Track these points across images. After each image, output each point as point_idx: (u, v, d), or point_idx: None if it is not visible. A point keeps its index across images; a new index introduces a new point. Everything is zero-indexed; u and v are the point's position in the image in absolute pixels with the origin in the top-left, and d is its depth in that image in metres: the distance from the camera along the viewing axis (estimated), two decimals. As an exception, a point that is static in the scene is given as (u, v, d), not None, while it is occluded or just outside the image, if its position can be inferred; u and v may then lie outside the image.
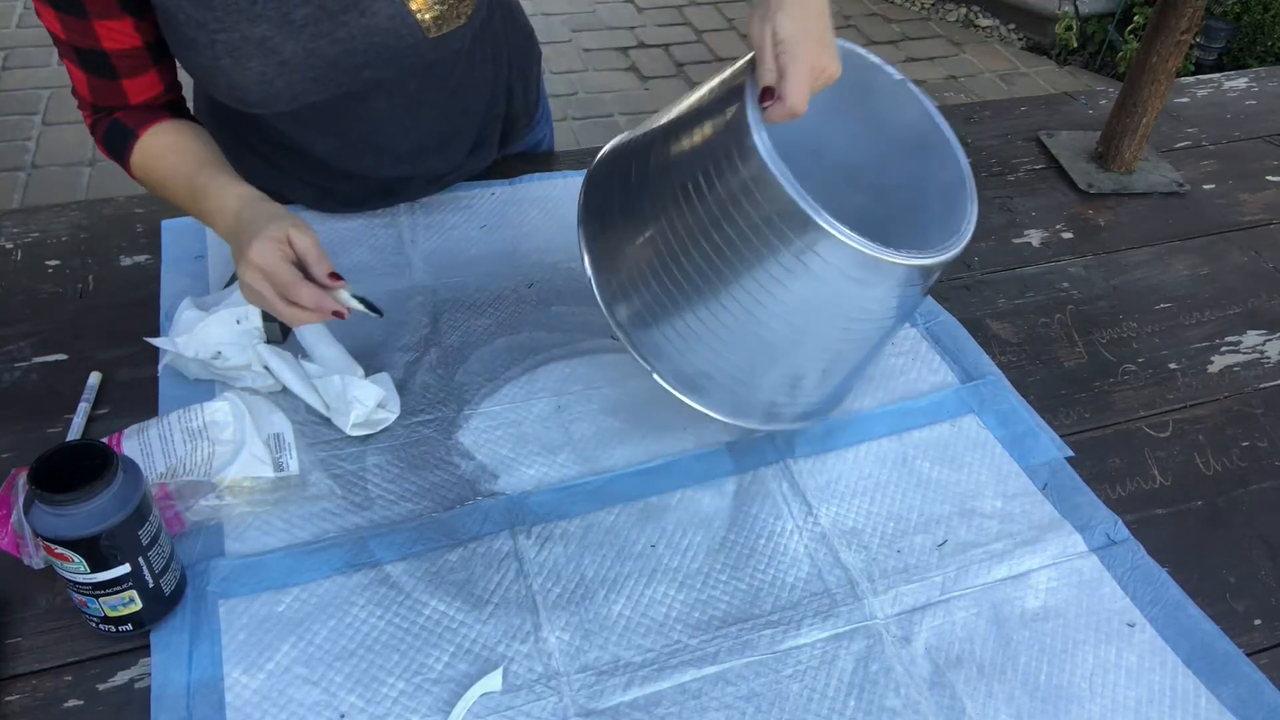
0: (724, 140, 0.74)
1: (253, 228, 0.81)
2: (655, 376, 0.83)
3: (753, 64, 0.75)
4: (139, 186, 0.99)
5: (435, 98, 1.04)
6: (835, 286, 0.75)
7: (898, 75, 0.86)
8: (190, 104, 1.00)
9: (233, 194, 0.86)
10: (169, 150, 0.92)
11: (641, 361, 0.83)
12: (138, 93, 0.92)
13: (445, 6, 0.94)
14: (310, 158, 1.05)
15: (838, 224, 0.71)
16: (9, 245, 1.10)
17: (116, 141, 0.93)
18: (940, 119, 0.85)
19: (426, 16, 0.93)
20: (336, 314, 0.82)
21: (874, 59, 0.85)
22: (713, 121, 0.77)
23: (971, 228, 0.80)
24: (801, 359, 0.82)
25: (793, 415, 0.87)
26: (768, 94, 0.73)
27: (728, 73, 0.80)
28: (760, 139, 0.71)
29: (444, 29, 0.95)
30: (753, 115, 0.72)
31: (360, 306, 0.83)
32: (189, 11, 0.86)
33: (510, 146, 1.24)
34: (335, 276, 0.82)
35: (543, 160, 1.27)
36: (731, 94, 0.76)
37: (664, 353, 0.82)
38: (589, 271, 0.84)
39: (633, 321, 0.83)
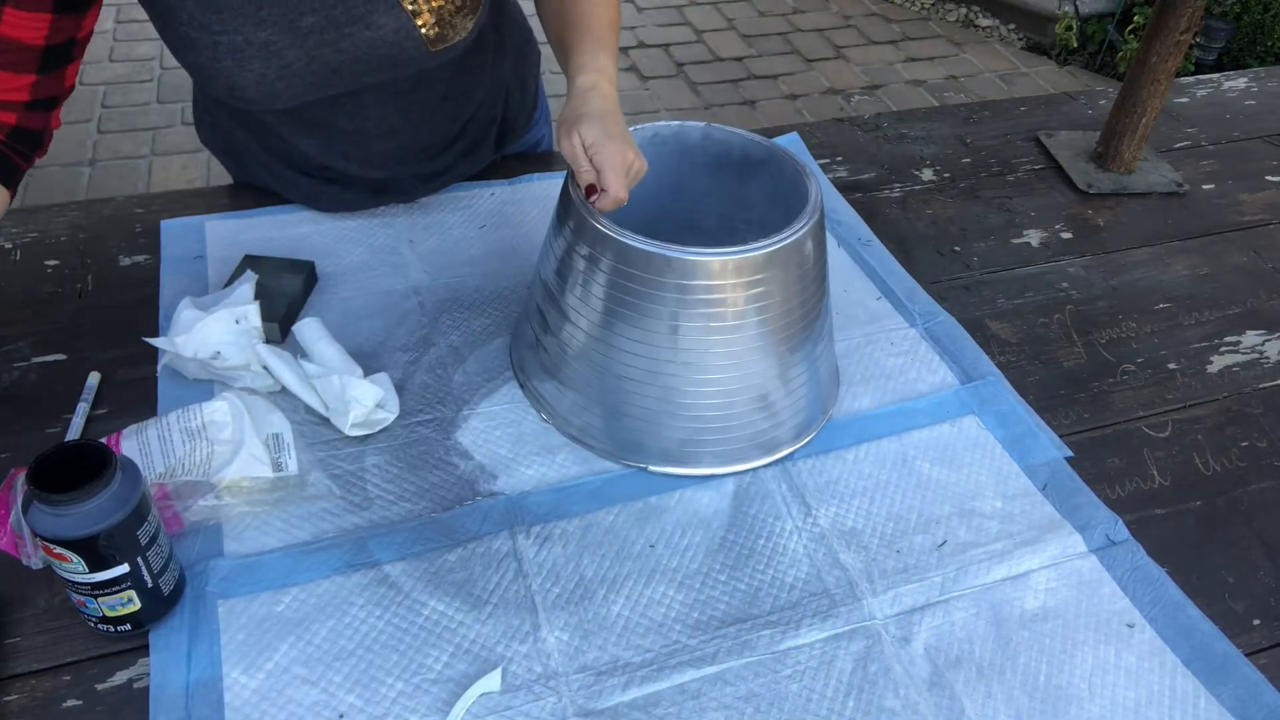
0: (572, 244, 0.84)
1: None
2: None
3: (570, 175, 0.84)
4: (139, 186, 0.99)
5: (427, 100, 1.05)
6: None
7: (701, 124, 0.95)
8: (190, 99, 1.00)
9: None
10: None
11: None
12: (71, 76, 0.86)
13: (448, 24, 0.95)
14: (301, 155, 1.06)
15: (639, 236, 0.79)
16: (8, 245, 1.10)
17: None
18: (768, 142, 0.93)
19: (431, 32, 0.94)
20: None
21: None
22: (560, 239, 0.86)
23: (813, 202, 0.85)
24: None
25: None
26: (591, 190, 0.81)
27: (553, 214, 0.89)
28: (597, 220, 0.81)
29: (446, 42, 0.96)
30: (584, 210, 0.82)
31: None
32: (192, 11, 0.85)
33: (508, 147, 1.24)
34: None
35: (542, 160, 1.27)
36: (562, 213, 0.86)
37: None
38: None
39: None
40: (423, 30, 0.93)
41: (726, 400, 0.85)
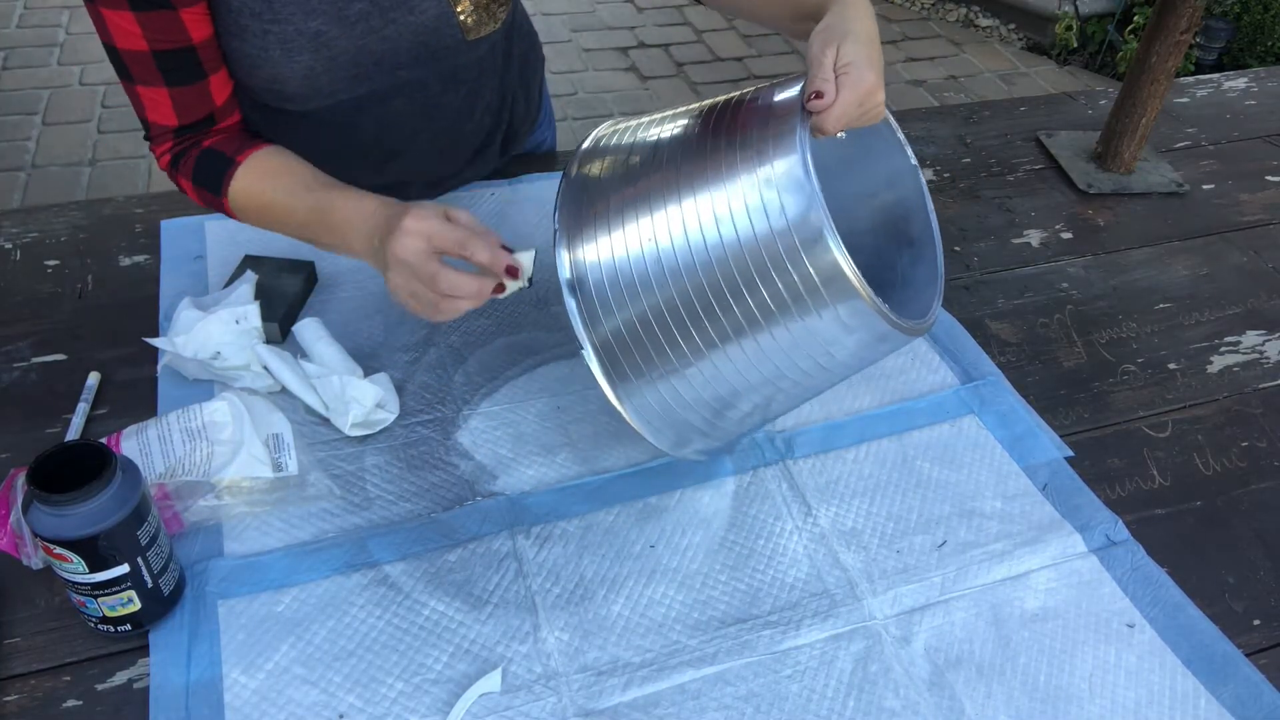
0: (758, 154, 0.69)
1: (391, 221, 0.76)
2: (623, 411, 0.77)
3: (805, 79, 0.72)
4: (139, 186, 0.99)
5: (452, 102, 1.05)
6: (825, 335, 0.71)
7: (913, 160, 0.85)
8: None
9: (372, 200, 0.80)
10: (277, 172, 0.87)
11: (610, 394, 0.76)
12: (221, 90, 0.88)
13: (485, 11, 0.96)
14: (316, 159, 1.05)
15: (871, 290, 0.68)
16: (8, 245, 1.10)
17: (211, 171, 0.88)
18: (934, 220, 0.84)
19: (469, 19, 0.95)
20: (496, 290, 0.77)
21: (901, 136, 0.83)
22: (749, 130, 0.71)
23: (935, 315, 0.79)
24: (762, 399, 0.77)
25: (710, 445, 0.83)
26: (818, 96, 0.70)
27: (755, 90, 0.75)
28: (807, 170, 0.66)
29: (481, 31, 0.97)
30: (802, 132, 0.68)
31: (528, 269, 0.75)
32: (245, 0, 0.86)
33: (512, 151, 1.24)
34: (504, 248, 0.76)
35: (543, 160, 1.27)
36: (769, 107, 0.71)
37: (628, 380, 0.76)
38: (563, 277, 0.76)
39: (605, 345, 0.75)
40: (461, 17, 0.95)
41: (712, 384, 0.74)
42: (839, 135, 0.72)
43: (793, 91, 0.72)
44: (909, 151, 0.84)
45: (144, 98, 0.86)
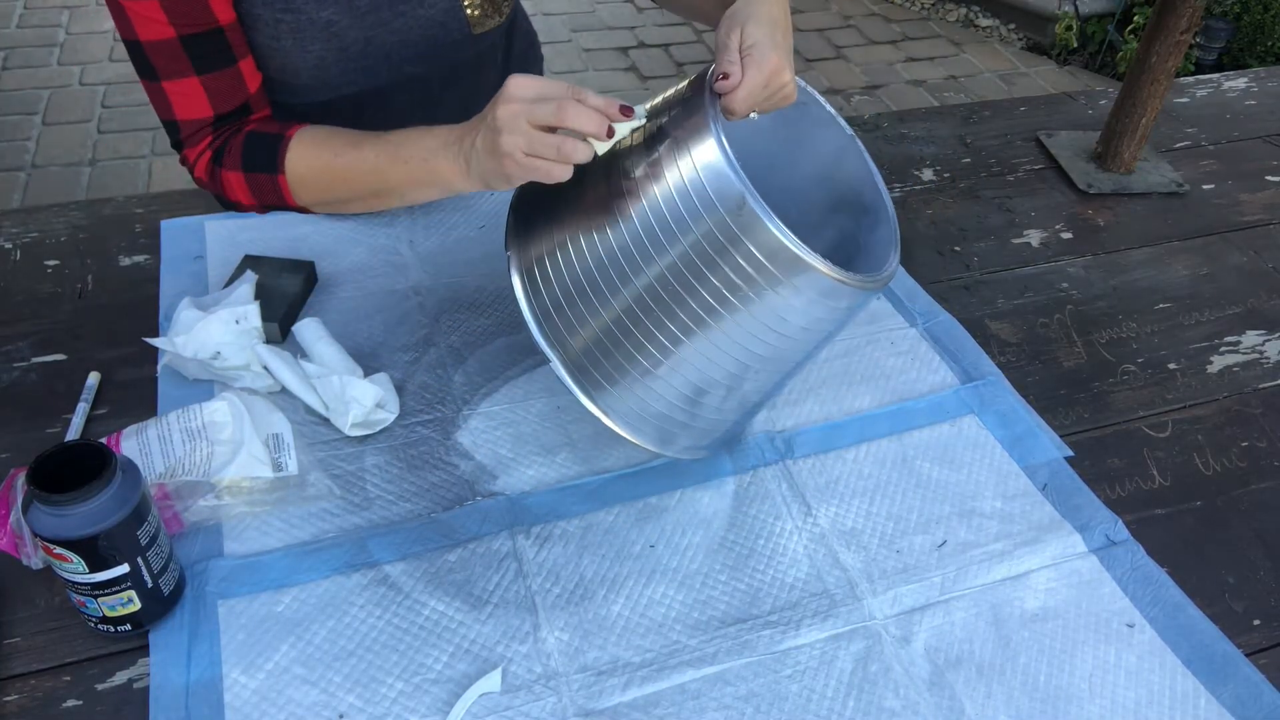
0: (675, 143, 0.70)
1: (485, 110, 0.73)
2: (602, 417, 0.78)
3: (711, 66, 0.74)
4: (139, 186, 0.98)
5: (452, 98, 1.06)
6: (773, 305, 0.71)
7: (849, 130, 0.85)
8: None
9: (439, 129, 0.78)
10: (330, 135, 0.84)
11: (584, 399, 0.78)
12: (252, 77, 0.87)
13: (491, 3, 0.96)
14: None
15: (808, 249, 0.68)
16: (8, 245, 1.10)
17: (263, 150, 0.85)
18: (879, 180, 0.83)
19: (476, 13, 0.96)
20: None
21: (831, 110, 0.84)
22: (665, 121, 0.72)
23: (894, 265, 0.78)
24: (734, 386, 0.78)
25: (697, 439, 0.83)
26: (722, 77, 0.72)
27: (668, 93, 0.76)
28: (722, 147, 0.68)
29: (486, 25, 0.98)
30: (712, 112, 0.70)
31: (642, 112, 0.73)
32: None
33: None
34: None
35: (542, 160, 1.27)
36: (683, 100, 0.72)
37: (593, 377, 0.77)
38: (519, 295, 0.78)
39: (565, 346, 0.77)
40: (468, 11, 0.95)
41: (677, 373, 0.75)
42: (751, 116, 0.73)
43: (701, 83, 0.73)
44: (842, 123, 0.85)
45: (172, 95, 0.83)
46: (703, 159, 0.69)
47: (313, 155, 0.85)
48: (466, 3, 0.95)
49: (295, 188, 0.87)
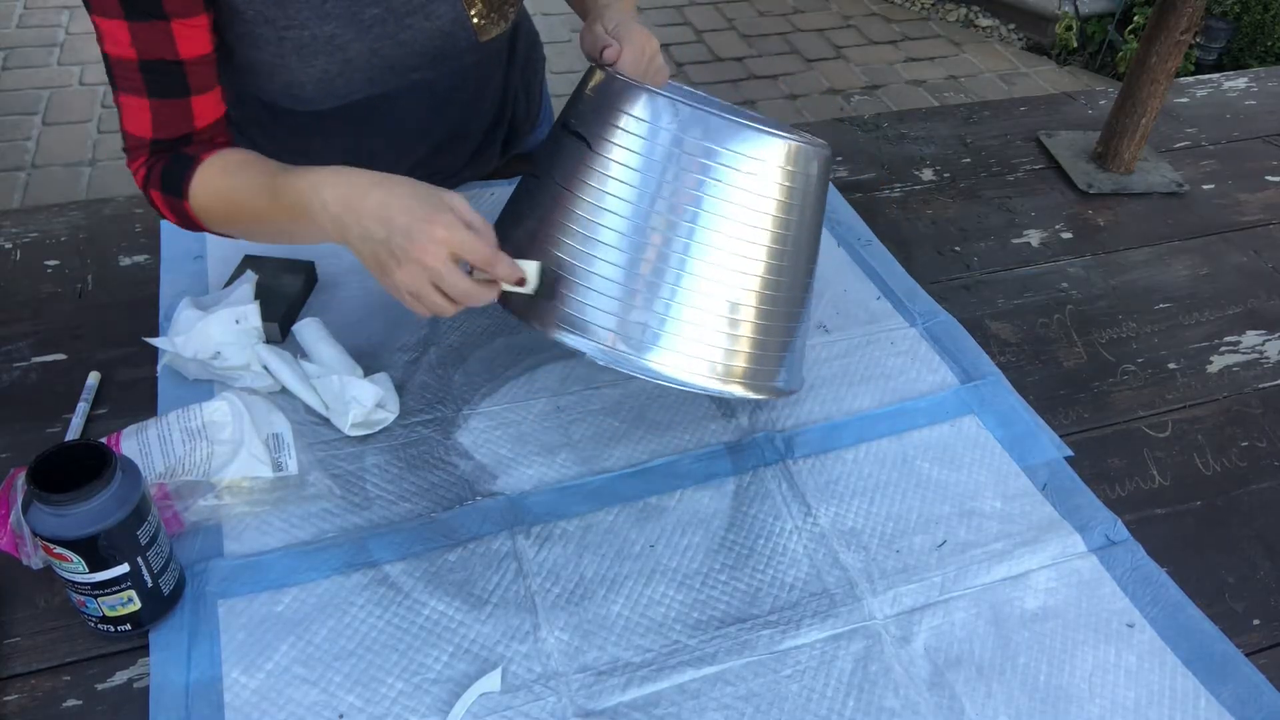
0: (611, 112, 0.79)
1: (395, 215, 0.72)
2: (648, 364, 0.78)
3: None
4: (139, 186, 0.98)
5: (458, 100, 1.06)
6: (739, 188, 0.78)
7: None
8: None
9: (322, 174, 0.76)
10: (236, 166, 0.83)
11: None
12: (205, 113, 0.85)
13: (497, 13, 0.96)
14: (320, 159, 1.05)
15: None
16: (8, 245, 1.10)
17: (175, 173, 0.84)
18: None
19: (482, 22, 0.96)
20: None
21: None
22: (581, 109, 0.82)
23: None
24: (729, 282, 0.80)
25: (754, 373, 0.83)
26: (605, 50, 0.83)
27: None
28: (642, 87, 0.78)
29: (492, 33, 0.98)
30: (613, 77, 0.80)
31: (534, 280, 0.77)
32: (259, 7, 0.85)
33: (512, 151, 1.24)
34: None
35: (542, 160, 1.27)
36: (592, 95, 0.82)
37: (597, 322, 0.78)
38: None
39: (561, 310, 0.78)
40: (475, 20, 0.95)
41: (694, 292, 0.78)
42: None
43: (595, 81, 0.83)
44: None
45: (125, 106, 0.84)
46: (632, 105, 0.78)
47: (214, 183, 0.84)
48: (472, 12, 0.94)
49: (200, 215, 0.86)
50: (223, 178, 0.83)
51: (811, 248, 0.86)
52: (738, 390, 0.81)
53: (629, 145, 0.77)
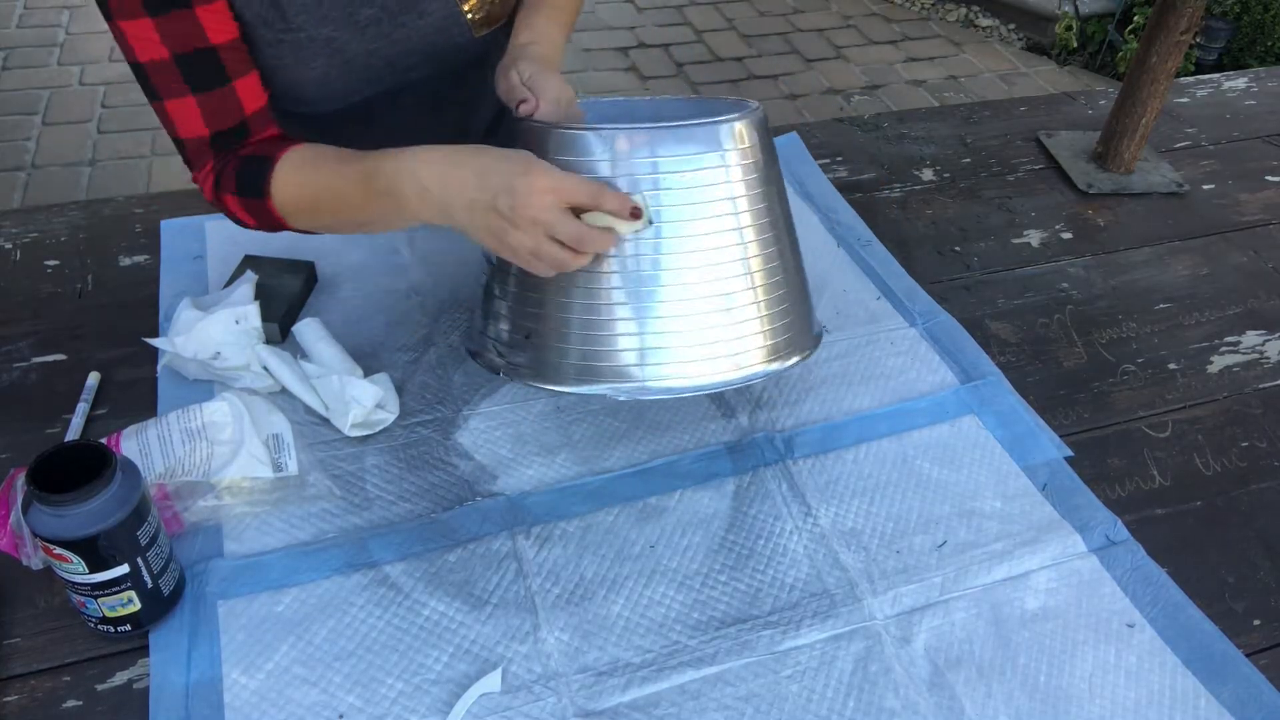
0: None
1: (492, 179, 0.73)
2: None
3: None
4: (139, 186, 0.98)
5: (459, 96, 1.06)
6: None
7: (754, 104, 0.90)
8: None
9: (409, 155, 0.77)
10: (315, 159, 0.84)
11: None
12: (250, 98, 0.85)
13: (492, 6, 0.96)
14: None
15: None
16: (8, 245, 1.10)
17: (252, 173, 0.84)
18: (724, 100, 0.90)
19: (476, 16, 0.95)
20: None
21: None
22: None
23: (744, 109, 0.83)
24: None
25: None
26: (520, 104, 0.82)
27: None
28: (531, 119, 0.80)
29: (489, 26, 0.98)
30: (535, 126, 0.80)
31: (649, 208, 0.78)
32: (256, 9, 0.85)
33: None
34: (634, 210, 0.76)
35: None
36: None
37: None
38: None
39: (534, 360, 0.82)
40: (469, 15, 0.95)
41: (685, 297, 0.78)
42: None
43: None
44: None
45: (173, 114, 0.83)
46: (563, 148, 0.77)
47: (297, 176, 0.84)
48: (466, 8, 0.94)
49: (284, 212, 0.86)
50: (304, 172, 0.84)
51: (782, 204, 0.86)
52: (761, 369, 0.82)
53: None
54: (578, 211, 0.74)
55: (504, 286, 0.84)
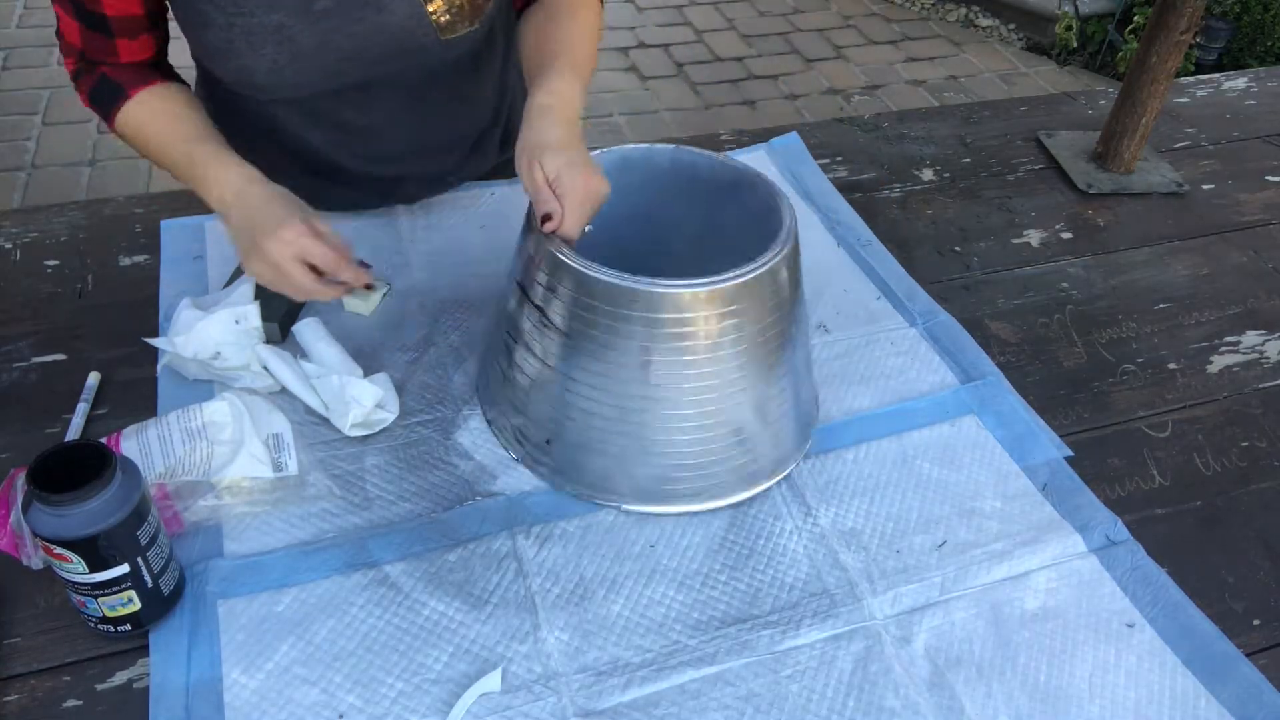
0: (531, 274, 0.81)
1: (264, 214, 0.85)
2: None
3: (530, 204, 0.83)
4: (139, 186, 0.99)
5: (440, 97, 1.05)
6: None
7: (741, 165, 0.91)
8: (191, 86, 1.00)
9: (234, 170, 0.88)
10: (162, 115, 0.93)
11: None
12: (130, 53, 0.92)
13: (460, 11, 0.95)
14: (305, 151, 1.05)
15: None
16: (8, 245, 1.10)
17: (104, 97, 0.93)
18: (739, 164, 0.90)
19: (442, 19, 0.94)
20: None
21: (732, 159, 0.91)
22: (521, 269, 0.84)
23: (787, 232, 0.82)
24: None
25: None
26: (547, 219, 0.79)
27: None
28: (558, 249, 0.78)
29: (457, 30, 0.96)
30: (552, 250, 0.79)
31: (376, 300, 0.87)
32: None
33: (510, 150, 1.24)
34: (362, 264, 0.85)
35: (542, 160, 1.27)
36: (523, 242, 0.85)
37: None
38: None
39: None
40: (434, 17, 0.94)
41: (702, 436, 0.82)
42: (586, 230, 0.80)
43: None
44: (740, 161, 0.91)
45: (60, 15, 0.90)
46: (590, 292, 0.77)
47: (139, 124, 0.93)
48: (431, 9, 0.93)
49: (121, 135, 0.96)
50: (149, 123, 0.93)
51: (799, 324, 0.87)
52: (770, 483, 0.88)
53: (594, 330, 0.78)
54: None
55: (522, 385, 0.86)
